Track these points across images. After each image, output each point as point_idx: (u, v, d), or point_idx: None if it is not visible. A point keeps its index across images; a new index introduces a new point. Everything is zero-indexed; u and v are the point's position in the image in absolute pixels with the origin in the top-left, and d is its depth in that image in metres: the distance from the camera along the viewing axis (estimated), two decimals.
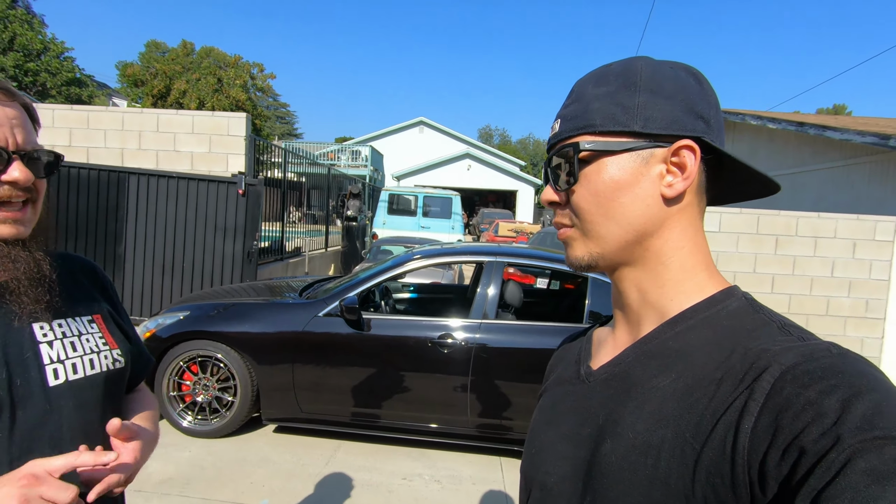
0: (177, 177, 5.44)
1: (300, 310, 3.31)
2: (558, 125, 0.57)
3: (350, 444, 3.43)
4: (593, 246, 0.55)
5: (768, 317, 0.49)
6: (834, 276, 5.46)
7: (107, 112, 5.99)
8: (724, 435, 0.41)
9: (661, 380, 0.50)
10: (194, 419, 3.35)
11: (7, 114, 0.66)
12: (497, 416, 3.20)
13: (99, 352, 0.79)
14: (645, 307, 0.55)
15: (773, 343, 0.45)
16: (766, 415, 0.40)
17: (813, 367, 0.40)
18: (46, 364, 0.71)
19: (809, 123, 8.58)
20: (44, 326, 0.72)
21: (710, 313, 0.51)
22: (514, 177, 24.48)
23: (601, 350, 0.62)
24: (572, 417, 0.58)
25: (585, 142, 0.53)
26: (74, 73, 21.01)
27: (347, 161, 21.91)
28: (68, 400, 0.72)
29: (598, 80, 0.55)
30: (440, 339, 3.17)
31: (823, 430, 0.36)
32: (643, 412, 0.49)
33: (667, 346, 0.52)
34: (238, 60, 25.85)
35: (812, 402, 0.38)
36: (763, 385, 0.41)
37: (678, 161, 0.52)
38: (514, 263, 3.64)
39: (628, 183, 0.53)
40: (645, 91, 0.52)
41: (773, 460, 0.38)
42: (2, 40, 18.40)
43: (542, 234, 9.05)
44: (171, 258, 5.47)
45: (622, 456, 0.48)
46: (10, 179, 0.65)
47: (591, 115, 0.54)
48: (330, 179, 10.18)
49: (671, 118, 0.52)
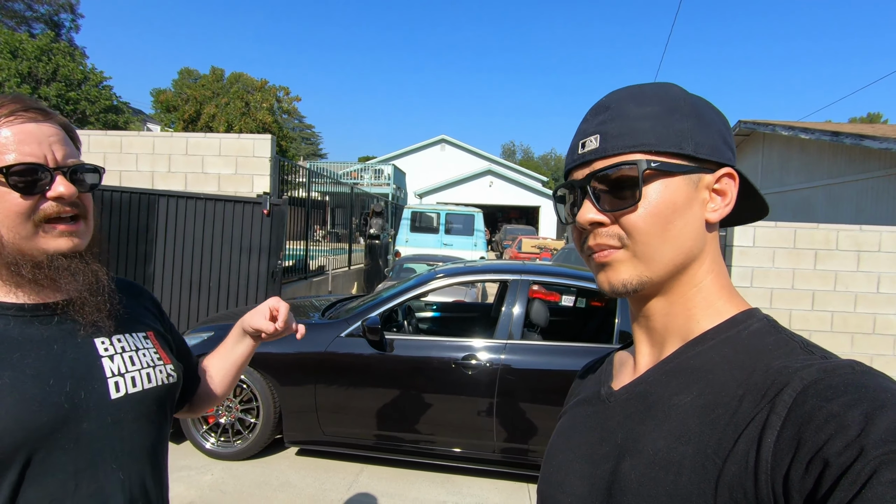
0: (204, 198, 5.55)
1: (322, 330, 3.27)
2: (597, 141, 0.54)
3: (373, 468, 3.34)
4: (644, 269, 0.53)
5: (789, 337, 0.49)
6: (880, 291, 5.17)
7: (138, 137, 6.19)
8: (747, 450, 0.41)
9: (682, 397, 0.49)
10: (217, 441, 3.33)
11: (44, 131, 0.67)
12: (524, 440, 3.08)
13: (154, 366, 0.80)
14: (669, 330, 0.55)
15: (795, 361, 0.44)
16: (788, 428, 0.39)
17: (836, 382, 0.40)
18: (109, 377, 0.72)
19: (845, 133, 8.28)
20: (104, 341, 0.74)
21: (731, 333, 0.51)
22: (537, 192, 24.34)
23: (622, 372, 0.62)
24: (591, 437, 0.58)
25: (649, 160, 0.51)
26: (112, 100, 21.96)
27: (370, 180, 22.17)
28: (128, 412, 0.73)
29: (637, 99, 0.54)
30: (464, 360, 3.08)
31: (847, 442, 0.36)
32: (663, 430, 0.48)
33: (688, 365, 0.51)
34: (265, 84, 26.64)
35: (835, 415, 0.37)
36: (785, 399, 0.41)
37: (720, 188, 0.53)
38: (541, 282, 3.54)
39: (683, 206, 0.52)
40: (691, 117, 0.53)
41: (797, 474, 0.37)
42: (46, 72, 19.43)
43: (566, 251, 8.90)
44: (199, 277, 5.55)
45: (642, 473, 0.48)
46: (55, 195, 0.66)
47: (644, 134, 0.52)
48: (353, 198, 10.29)
49: (714, 146, 0.53)
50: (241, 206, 5.54)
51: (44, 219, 0.67)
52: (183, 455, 3.30)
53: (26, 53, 19.10)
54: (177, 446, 3.41)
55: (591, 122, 0.56)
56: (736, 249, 5.29)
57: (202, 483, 3.00)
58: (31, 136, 0.66)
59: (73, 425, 0.66)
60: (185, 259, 5.56)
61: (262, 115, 23.36)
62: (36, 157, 0.66)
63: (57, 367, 0.67)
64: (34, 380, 0.64)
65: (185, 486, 2.94)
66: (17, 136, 0.65)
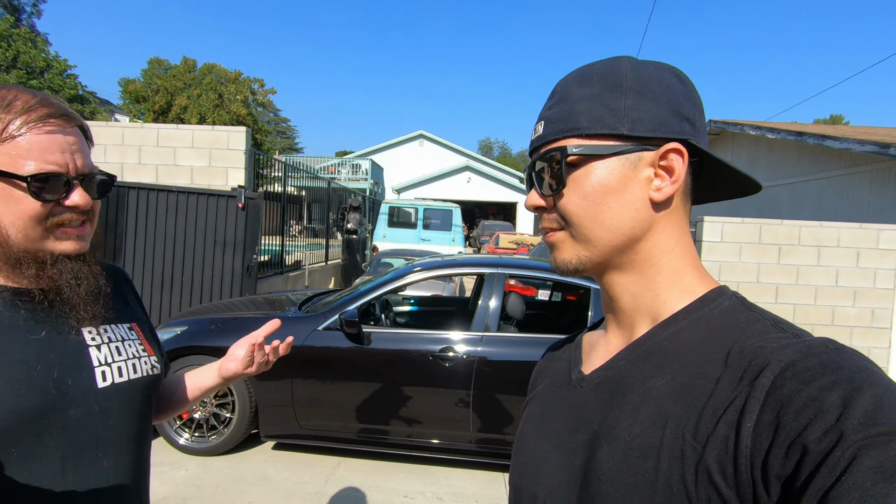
0: (176, 191, 5.43)
1: (299, 324, 3.26)
2: (542, 127, 0.55)
3: (350, 460, 3.36)
4: (582, 250, 0.54)
5: (760, 314, 0.48)
6: (839, 285, 5.41)
7: (107, 127, 6.00)
8: (727, 434, 0.41)
9: (657, 381, 0.49)
10: (191, 436, 3.29)
11: (69, 140, 0.69)
12: (499, 430, 3.14)
13: (140, 357, 0.81)
14: (637, 310, 0.55)
15: (769, 340, 0.44)
16: (767, 412, 0.39)
17: (812, 364, 0.40)
18: (96, 366, 0.74)
19: (809, 133, 8.60)
20: (92, 331, 0.76)
21: (702, 313, 0.51)
22: (515, 189, 24.53)
23: (592, 354, 0.60)
24: (564, 424, 0.56)
25: (573, 146, 0.52)
26: (77, 90, 21.19)
27: (348, 174, 21.97)
28: (114, 402, 0.74)
29: (581, 80, 0.54)
30: (441, 352, 3.12)
31: (826, 427, 0.36)
32: (639, 414, 0.48)
33: (661, 347, 0.51)
34: (239, 76, 26.07)
35: (813, 399, 0.37)
36: (763, 382, 0.41)
37: (666, 164, 0.51)
38: (516, 275, 3.60)
39: (617, 187, 0.51)
40: (631, 92, 0.51)
41: (776, 459, 0.37)
42: (5, 58, 18.61)
43: (543, 246, 9.02)
44: (171, 272, 5.44)
45: (620, 460, 0.47)
46: (72, 204, 0.69)
47: (577, 118, 0.52)
48: (330, 193, 10.18)
49: (658, 120, 0.51)
50: (216, 199, 5.44)
51: (57, 224, 0.69)
52: (156, 451, 3.22)
53: None
54: None
55: (544, 107, 0.56)
56: (705, 244, 5.46)
57: (176, 478, 2.97)
58: (56, 144, 0.67)
59: (60, 411, 0.67)
60: (156, 254, 5.43)
61: (236, 107, 22.89)
62: (59, 165, 0.67)
63: (44, 353, 0.68)
64: (21, 364, 0.65)
65: (158, 481, 2.90)
66: (43, 143, 0.66)
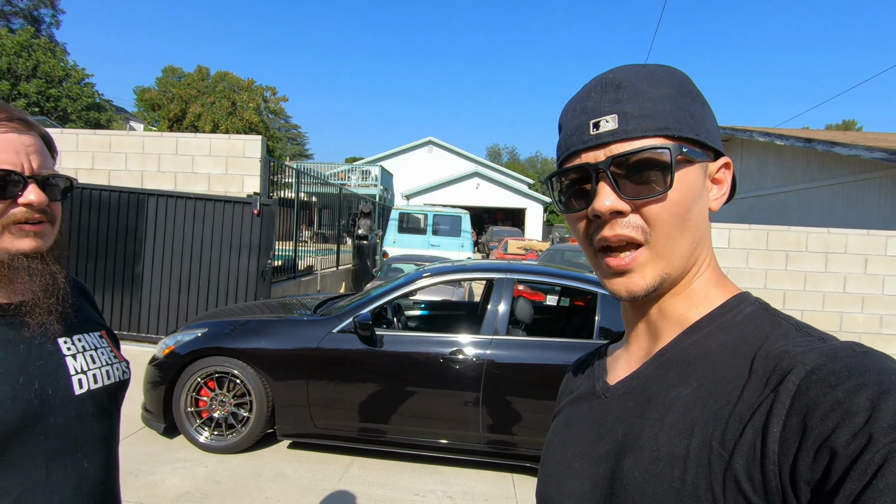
0: (194, 198, 5.60)
1: (315, 326, 3.38)
2: (615, 121, 0.49)
3: (363, 459, 3.46)
4: (664, 266, 0.50)
5: (784, 319, 0.48)
6: (846, 291, 5.43)
7: (128, 136, 6.21)
8: (753, 440, 0.40)
9: (682, 389, 0.48)
10: (211, 435, 3.41)
11: (23, 141, 0.72)
12: (508, 431, 3.22)
13: (112, 364, 0.86)
14: (665, 320, 0.54)
15: (794, 345, 0.43)
16: (793, 417, 0.38)
17: (839, 367, 0.39)
18: (73, 375, 0.78)
19: (818, 140, 8.62)
20: (67, 341, 0.80)
21: (725, 319, 0.50)
22: (523, 195, 24.61)
23: (617, 365, 0.60)
24: (589, 434, 0.56)
25: (682, 146, 0.49)
26: (94, 98, 21.67)
27: (358, 181, 22.20)
28: (89, 407, 0.79)
29: (649, 78, 0.51)
30: (452, 354, 3.22)
31: (855, 430, 0.35)
32: (665, 423, 0.47)
33: (685, 355, 0.50)
34: (251, 84, 26.51)
35: (840, 402, 0.36)
36: (788, 387, 0.40)
37: (719, 177, 0.52)
38: (525, 280, 3.69)
39: (698, 195, 0.51)
40: (699, 101, 0.51)
41: (804, 464, 0.37)
42: (26, 68, 19.10)
43: (551, 252, 9.10)
44: (188, 277, 5.60)
45: (646, 469, 0.46)
46: (25, 202, 0.71)
47: (665, 117, 0.49)
48: (341, 199, 10.35)
49: (716, 133, 0.52)
50: (231, 205, 5.60)
51: (12, 222, 0.71)
52: (177, 448, 3.38)
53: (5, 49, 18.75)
54: (170, 440, 3.48)
55: (599, 99, 0.51)
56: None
57: (197, 474, 3.09)
58: (10, 144, 0.70)
59: (42, 420, 0.71)
60: (174, 258, 5.60)
61: (249, 114, 23.25)
62: (13, 164, 0.70)
63: (24, 366, 0.72)
64: (5, 378, 0.69)
65: (180, 477, 3.03)
66: None
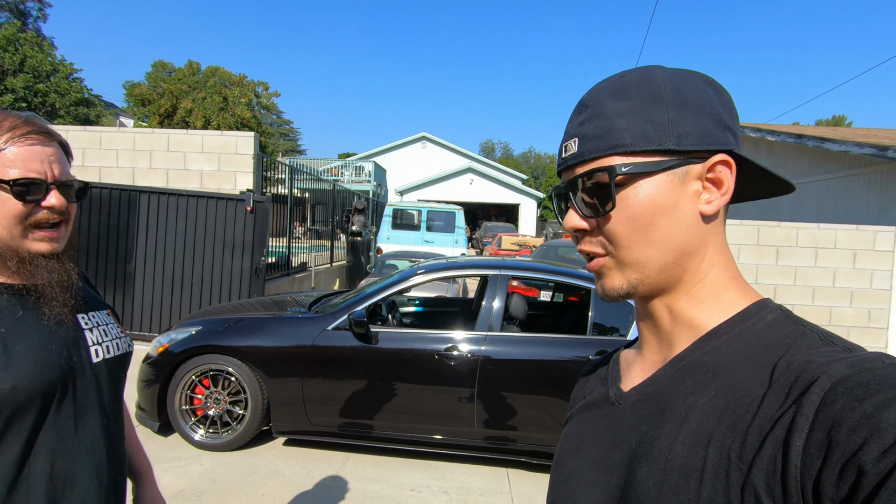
0: (186, 195, 5.57)
1: (309, 324, 3.38)
2: (576, 145, 0.52)
3: (359, 455, 3.47)
4: (632, 273, 0.52)
5: (808, 328, 0.46)
6: (835, 286, 5.51)
7: (119, 132, 6.15)
8: (774, 454, 0.39)
9: (699, 398, 0.47)
10: (206, 432, 3.41)
11: (47, 152, 0.84)
12: (503, 426, 3.25)
13: (120, 338, 1.01)
14: (678, 325, 0.53)
15: (818, 355, 0.42)
16: (817, 431, 0.37)
17: (866, 379, 0.37)
18: (91, 346, 0.93)
19: (808, 135, 8.70)
20: (84, 317, 0.95)
21: (745, 326, 0.49)
22: (517, 190, 24.64)
23: (630, 371, 0.59)
24: (602, 442, 0.55)
25: (620, 164, 0.49)
26: (83, 93, 21.39)
27: (351, 177, 22.12)
28: (105, 374, 0.94)
29: (616, 93, 0.51)
30: (446, 351, 3.23)
31: (884, 447, 0.33)
32: (681, 433, 0.46)
33: (702, 363, 0.49)
34: (243, 79, 26.30)
35: (869, 416, 0.35)
36: (812, 398, 0.38)
37: (714, 177, 0.50)
38: (519, 277, 3.71)
39: (667, 204, 0.50)
40: (673, 105, 0.49)
41: (829, 481, 0.35)
42: (13, 63, 18.82)
43: (545, 248, 9.13)
44: (181, 274, 5.57)
45: (660, 480, 0.45)
46: (48, 205, 0.84)
47: (618, 134, 0.50)
48: (334, 195, 10.31)
49: (702, 132, 0.49)
50: (224, 202, 5.57)
51: (35, 223, 0.83)
52: (172, 446, 3.37)
53: None
54: (165, 439, 3.47)
55: (573, 122, 0.54)
56: None
57: (192, 472, 3.09)
58: (36, 155, 0.83)
59: (72, 381, 0.86)
60: (167, 256, 5.57)
61: (241, 110, 23.07)
62: (38, 173, 0.82)
63: (54, 337, 0.86)
64: (41, 346, 0.84)
65: (175, 475, 3.02)
66: (25, 154, 0.82)
